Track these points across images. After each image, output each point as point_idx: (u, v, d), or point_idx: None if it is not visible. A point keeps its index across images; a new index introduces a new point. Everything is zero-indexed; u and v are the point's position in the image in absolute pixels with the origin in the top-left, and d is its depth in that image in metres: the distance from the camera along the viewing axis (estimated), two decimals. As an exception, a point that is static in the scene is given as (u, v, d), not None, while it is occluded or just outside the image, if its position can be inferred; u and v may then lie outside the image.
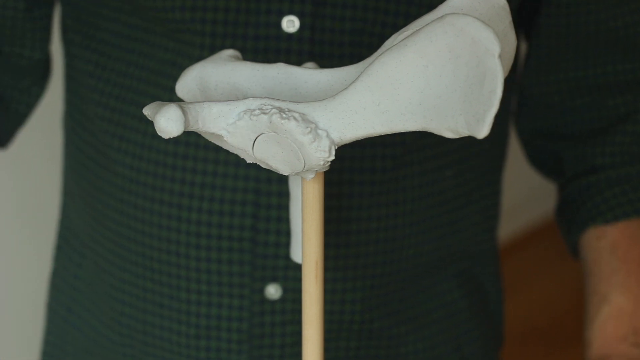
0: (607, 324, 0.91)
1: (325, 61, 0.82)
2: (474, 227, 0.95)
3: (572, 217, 0.96)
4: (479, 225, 0.95)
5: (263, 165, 0.67)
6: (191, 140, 0.84)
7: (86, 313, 0.94)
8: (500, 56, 0.60)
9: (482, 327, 0.97)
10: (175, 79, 0.84)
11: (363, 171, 0.84)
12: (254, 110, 0.64)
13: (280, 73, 0.70)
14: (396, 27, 0.82)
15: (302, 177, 0.68)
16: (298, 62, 0.82)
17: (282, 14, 0.81)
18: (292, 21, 0.81)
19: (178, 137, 0.84)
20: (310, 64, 0.74)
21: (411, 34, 0.62)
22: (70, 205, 0.97)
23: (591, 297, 0.93)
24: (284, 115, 0.63)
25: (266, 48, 0.82)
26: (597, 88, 0.94)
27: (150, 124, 0.85)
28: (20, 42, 0.89)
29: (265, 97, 0.64)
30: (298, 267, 0.85)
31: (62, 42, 0.94)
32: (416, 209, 0.87)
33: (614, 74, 0.94)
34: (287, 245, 0.84)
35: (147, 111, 0.64)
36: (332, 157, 0.64)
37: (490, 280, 0.99)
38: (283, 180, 0.83)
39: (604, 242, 0.93)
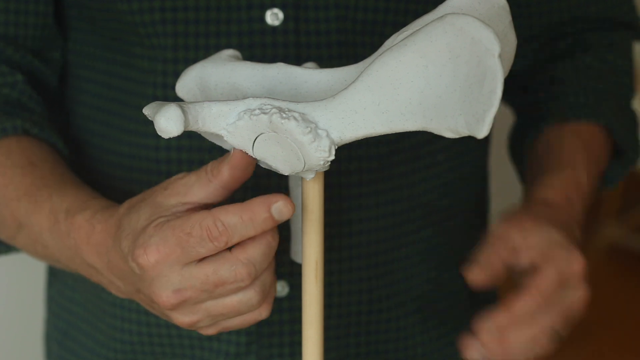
0: (562, 180, 0.86)
1: (312, 51, 0.82)
2: (470, 212, 0.95)
3: (532, 120, 0.94)
4: (474, 209, 0.96)
5: (263, 165, 0.67)
6: (183, 144, 0.84)
7: (82, 336, 0.94)
8: (500, 56, 0.60)
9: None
10: (160, 86, 0.84)
11: (360, 159, 0.84)
12: (254, 110, 0.64)
13: (280, 73, 0.70)
14: (377, 11, 0.82)
15: (302, 177, 0.68)
16: (283, 54, 0.82)
17: (265, 7, 0.81)
18: (276, 14, 0.81)
19: (169, 142, 0.84)
20: (310, 64, 0.74)
21: (411, 34, 0.62)
22: None
23: (550, 163, 0.89)
24: (284, 115, 0.63)
25: (251, 43, 0.81)
26: (548, 28, 0.95)
27: (138, 134, 0.85)
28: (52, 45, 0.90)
29: (265, 97, 0.64)
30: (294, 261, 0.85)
31: None
32: (413, 194, 0.88)
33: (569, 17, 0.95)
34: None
35: (147, 111, 0.64)
36: (332, 157, 0.64)
37: None
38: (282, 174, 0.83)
39: (567, 128, 0.91)
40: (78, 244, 0.75)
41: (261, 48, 0.81)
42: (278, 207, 0.65)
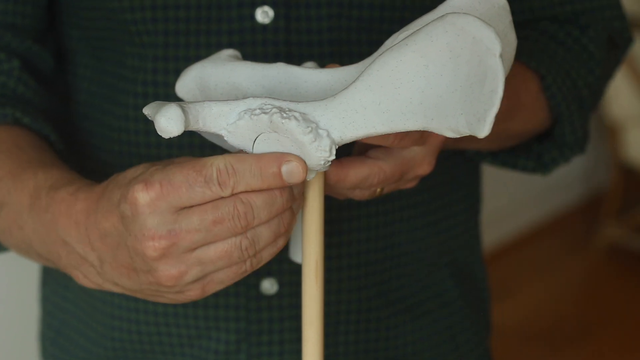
0: None
1: (303, 49, 0.82)
2: (462, 213, 0.95)
3: None
4: (467, 211, 0.96)
5: (263, 165, 0.67)
6: (173, 140, 0.84)
7: (75, 333, 0.94)
8: (501, 55, 0.60)
9: (473, 316, 0.97)
10: (150, 84, 0.84)
11: None
12: (255, 109, 0.64)
13: (280, 73, 0.70)
14: (373, 8, 0.82)
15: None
16: (274, 53, 0.81)
17: (255, 5, 0.81)
18: (266, 12, 0.81)
19: (158, 140, 0.84)
20: (310, 64, 0.74)
21: (411, 34, 0.62)
22: None
23: None
24: (285, 115, 0.63)
25: (241, 41, 0.81)
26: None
27: (129, 131, 0.85)
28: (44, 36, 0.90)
29: (265, 97, 0.64)
30: (293, 261, 0.84)
31: None
32: (405, 193, 0.87)
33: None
34: None
35: (147, 111, 0.64)
36: (333, 157, 0.64)
37: (478, 268, 0.99)
38: None
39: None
40: (56, 218, 0.72)
41: (251, 46, 0.81)
42: (290, 166, 0.64)
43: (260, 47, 0.81)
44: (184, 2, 0.81)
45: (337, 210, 0.85)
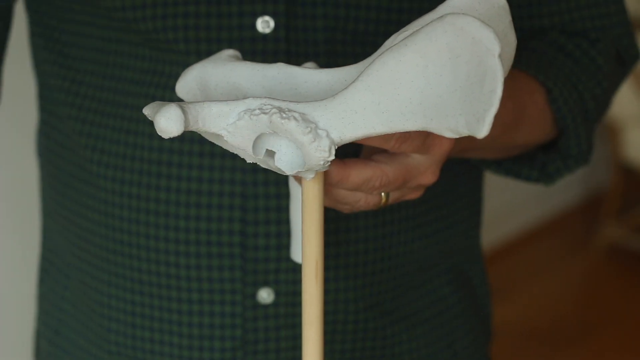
0: None
1: (301, 60, 0.82)
2: (463, 223, 0.95)
3: None
4: (467, 220, 0.95)
5: (263, 165, 0.67)
6: (174, 146, 0.84)
7: (73, 334, 0.94)
8: (500, 56, 0.60)
9: (472, 322, 0.97)
10: (154, 86, 0.84)
11: None
12: (254, 110, 0.64)
13: (280, 73, 0.70)
14: (369, 22, 0.82)
15: (302, 177, 0.68)
16: (274, 62, 0.81)
17: (256, 15, 0.81)
18: (267, 22, 0.81)
19: (161, 144, 0.84)
20: (310, 64, 0.74)
21: (411, 34, 0.62)
22: (52, 226, 0.96)
23: None
24: (284, 115, 0.63)
25: (241, 50, 0.81)
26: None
27: (131, 134, 0.85)
28: None
29: (265, 97, 0.64)
30: (290, 270, 0.85)
31: (33, 61, 0.94)
32: (405, 205, 0.88)
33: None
34: (277, 248, 0.84)
35: (147, 111, 0.64)
36: (332, 157, 0.64)
37: (478, 275, 0.99)
38: (269, 182, 0.83)
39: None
40: None
41: (251, 56, 0.81)
42: None
43: (260, 57, 0.81)
44: (182, 11, 0.81)
45: (335, 221, 0.85)
